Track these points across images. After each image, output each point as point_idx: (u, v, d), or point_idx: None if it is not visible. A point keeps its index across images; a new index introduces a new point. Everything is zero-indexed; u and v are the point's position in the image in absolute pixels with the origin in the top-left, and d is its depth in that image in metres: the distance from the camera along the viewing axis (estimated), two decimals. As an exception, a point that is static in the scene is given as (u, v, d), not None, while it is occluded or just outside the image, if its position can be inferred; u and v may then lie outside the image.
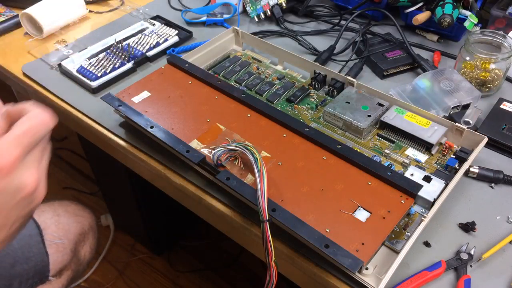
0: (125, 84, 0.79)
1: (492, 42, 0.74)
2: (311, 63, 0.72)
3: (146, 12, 0.96)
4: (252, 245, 0.61)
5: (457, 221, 0.56)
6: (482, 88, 0.73)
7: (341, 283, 0.49)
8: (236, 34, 0.82)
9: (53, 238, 0.75)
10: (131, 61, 0.81)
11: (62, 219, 0.80)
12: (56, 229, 0.77)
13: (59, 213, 0.81)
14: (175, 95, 0.67)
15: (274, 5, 0.91)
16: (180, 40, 0.88)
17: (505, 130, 0.65)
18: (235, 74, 0.75)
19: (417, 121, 0.63)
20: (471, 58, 0.72)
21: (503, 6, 0.84)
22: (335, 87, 0.70)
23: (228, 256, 1.35)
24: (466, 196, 0.59)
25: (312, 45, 0.86)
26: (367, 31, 0.88)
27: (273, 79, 0.74)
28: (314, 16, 0.96)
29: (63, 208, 0.82)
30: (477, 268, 0.51)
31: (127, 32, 0.89)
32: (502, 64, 0.71)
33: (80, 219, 0.83)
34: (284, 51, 0.75)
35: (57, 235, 0.76)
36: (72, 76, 0.79)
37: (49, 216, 0.79)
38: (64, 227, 0.79)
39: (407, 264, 0.51)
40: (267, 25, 0.94)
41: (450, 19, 0.78)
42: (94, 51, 0.84)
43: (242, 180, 0.54)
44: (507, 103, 0.69)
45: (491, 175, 0.59)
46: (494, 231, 0.54)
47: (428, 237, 0.54)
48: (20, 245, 0.71)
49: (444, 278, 0.50)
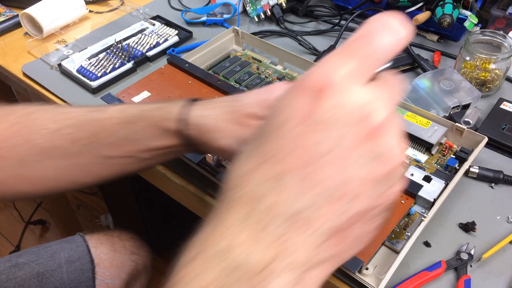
0: (125, 84, 0.78)
1: (492, 42, 0.74)
2: (311, 63, 0.72)
3: (146, 12, 0.96)
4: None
5: (457, 221, 0.56)
6: (482, 88, 0.73)
7: (341, 283, 0.49)
8: (236, 34, 0.82)
9: (105, 277, 0.73)
10: (131, 61, 0.81)
11: (118, 256, 0.76)
12: (109, 267, 0.74)
13: (116, 248, 0.77)
14: (175, 95, 0.67)
15: (274, 5, 0.91)
16: (180, 40, 0.88)
17: (505, 130, 0.65)
18: (235, 74, 0.75)
19: (417, 121, 0.63)
20: (471, 58, 0.72)
21: (503, 6, 0.84)
22: (335, 87, 0.70)
23: (228, 256, 1.35)
24: (466, 196, 0.59)
25: (312, 45, 0.86)
26: (367, 31, 0.88)
27: (273, 79, 0.74)
28: (314, 16, 0.96)
29: (121, 244, 0.79)
30: (477, 268, 0.51)
31: (127, 32, 0.89)
32: (502, 64, 0.71)
33: (136, 258, 0.79)
34: (284, 51, 0.75)
35: (109, 273, 0.73)
36: (72, 76, 0.79)
37: (105, 251, 0.75)
38: (118, 265, 0.75)
39: (407, 264, 0.51)
40: (267, 25, 0.94)
41: (450, 19, 0.78)
42: (94, 51, 0.84)
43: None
44: (507, 103, 0.69)
45: (491, 175, 0.59)
46: (494, 231, 0.54)
47: (428, 237, 0.54)
48: (70, 280, 0.69)
49: (444, 278, 0.50)
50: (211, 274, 0.23)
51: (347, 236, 0.25)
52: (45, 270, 0.69)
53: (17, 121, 0.47)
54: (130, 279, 0.78)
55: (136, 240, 0.83)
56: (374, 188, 0.25)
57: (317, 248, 0.24)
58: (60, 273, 0.69)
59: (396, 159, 0.25)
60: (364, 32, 0.25)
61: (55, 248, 0.72)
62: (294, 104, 0.25)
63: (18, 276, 0.67)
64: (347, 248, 0.26)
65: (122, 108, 0.47)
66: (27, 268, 0.68)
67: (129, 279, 0.77)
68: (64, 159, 0.46)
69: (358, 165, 0.24)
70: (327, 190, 0.24)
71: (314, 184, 0.24)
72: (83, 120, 0.46)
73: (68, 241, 0.74)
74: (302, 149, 0.24)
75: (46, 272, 0.68)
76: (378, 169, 0.25)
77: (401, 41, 0.25)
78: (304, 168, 0.24)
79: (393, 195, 0.27)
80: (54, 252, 0.71)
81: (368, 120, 0.24)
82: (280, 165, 0.25)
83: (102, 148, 0.46)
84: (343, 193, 0.24)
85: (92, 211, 1.54)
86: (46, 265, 0.69)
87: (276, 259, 0.23)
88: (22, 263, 0.69)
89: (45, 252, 0.71)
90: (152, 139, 0.45)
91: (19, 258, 0.70)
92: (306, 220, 0.24)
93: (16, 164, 0.46)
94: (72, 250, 0.72)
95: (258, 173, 0.25)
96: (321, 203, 0.24)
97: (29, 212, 1.52)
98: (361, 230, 0.26)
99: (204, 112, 0.44)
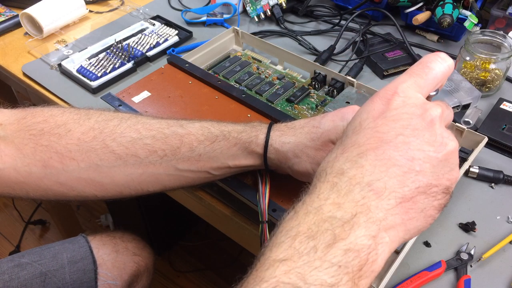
0: (125, 84, 0.79)
1: (492, 42, 0.74)
2: (311, 63, 0.72)
3: (146, 12, 0.96)
4: (252, 245, 0.61)
5: (457, 221, 0.56)
6: (482, 88, 0.73)
7: (341, 283, 0.49)
8: (236, 34, 0.82)
9: (107, 278, 0.73)
10: (131, 61, 0.81)
11: (120, 257, 0.77)
12: (111, 268, 0.74)
13: (118, 249, 0.77)
14: (175, 95, 0.67)
15: (274, 5, 0.91)
16: (180, 40, 0.88)
17: (505, 130, 0.65)
18: (235, 74, 0.75)
19: (417, 121, 0.63)
20: (471, 58, 0.72)
21: (503, 6, 0.84)
22: (335, 87, 0.70)
23: (228, 256, 1.35)
24: (466, 196, 0.59)
25: (312, 45, 0.86)
26: (367, 31, 0.88)
27: (273, 79, 0.74)
28: (314, 16, 0.96)
29: (124, 245, 0.79)
30: (477, 268, 0.51)
31: (127, 32, 0.89)
32: (502, 64, 0.71)
33: (138, 259, 0.80)
34: (284, 51, 0.75)
35: (111, 274, 0.74)
36: (72, 76, 0.79)
37: (108, 252, 0.76)
38: (120, 266, 0.76)
39: (407, 264, 0.51)
40: (267, 25, 0.94)
41: (450, 19, 0.78)
42: (94, 51, 0.84)
43: (242, 180, 0.54)
44: (507, 103, 0.69)
45: (491, 175, 0.59)
46: (494, 231, 0.54)
47: (428, 237, 0.54)
48: (73, 280, 0.70)
49: (444, 278, 0.50)
50: (307, 224, 0.30)
51: (412, 206, 0.31)
52: (48, 270, 0.69)
53: (95, 125, 0.48)
54: (132, 280, 0.78)
55: (139, 242, 0.83)
56: (434, 169, 0.32)
57: (389, 211, 0.31)
58: (62, 274, 0.69)
59: (450, 146, 0.32)
60: (421, 60, 0.35)
61: (57, 248, 0.73)
62: (371, 107, 0.34)
63: (21, 276, 0.68)
64: (414, 217, 0.32)
65: (204, 125, 0.50)
66: (29, 268, 0.68)
67: (131, 280, 0.77)
68: (138, 168, 0.48)
69: (419, 147, 0.31)
70: (395, 166, 0.31)
71: (385, 162, 0.31)
72: (164, 133, 0.48)
73: (70, 242, 0.75)
74: (376, 137, 0.32)
75: (49, 272, 0.68)
76: (436, 152, 0.32)
77: (449, 67, 0.35)
78: (377, 150, 0.32)
79: (450, 179, 0.33)
80: (56, 253, 0.71)
81: (427, 113, 0.32)
82: (360, 149, 0.32)
83: (179, 161, 0.48)
84: (407, 169, 0.31)
85: (92, 211, 1.54)
86: (48, 265, 0.69)
87: (358, 215, 0.30)
88: (25, 263, 0.69)
89: (48, 253, 0.71)
90: (232, 158, 0.49)
91: (22, 258, 0.70)
92: (378, 189, 0.31)
93: (88, 168, 0.47)
94: (75, 250, 0.73)
95: (343, 156, 0.33)
96: (390, 176, 0.31)
97: (29, 212, 1.52)
98: (425, 204, 0.32)
99: (284, 139, 0.48)
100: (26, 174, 0.47)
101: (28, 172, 0.47)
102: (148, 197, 1.10)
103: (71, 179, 0.48)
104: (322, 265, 0.28)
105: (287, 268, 0.28)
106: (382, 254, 0.30)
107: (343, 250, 0.29)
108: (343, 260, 0.28)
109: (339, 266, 0.28)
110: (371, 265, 0.29)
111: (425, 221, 0.33)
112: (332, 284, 0.28)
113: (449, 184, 0.33)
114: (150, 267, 0.84)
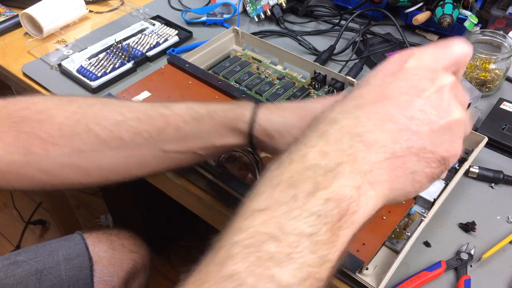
0: (125, 84, 0.78)
1: (492, 42, 0.74)
2: (311, 63, 0.72)
3: (146, 12, 0.96)
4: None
5: (457, 221, 0.56)
6: (482, 88, 0.73)
7: (341, 283, 0.49)
8: (236, 34, 0.82)
9: (103, 274, 0.73)
10: (131, 61, 0.81)
11: (117, 254, 0.76)
12: (107, 264, 0.74)
13: (114, 246, 0.77)
14: (175, 95, 0.67)
15: (274, 5, 0.91)
16: (180, 40, 0.88)
17: (505, 130, 0.65)
18: (235, 74, 0.75)
19: (417, 121, 0.63)
20: (471, 58, 0.72)
21: (503, 6, 0.84)
22: (335, 87, 0.70)
23: (228, 256, 1.35)
24: (466, 196, 0.59)
25: (312, 45, 0.86)
26: (367, 31, 0.88)
27: (273, 79, 0.74)
28: (314, 16, 0.96)
29: (120, 242, 0.79)
30: (477, 268, 0.51)
31: (127, 32, 0.89)
32: (502, 64, 0.71)
33: (134, 256, 0.79)
34: (284, 51, 0.75)
35: (108, 271, 0.73)
36: (72, 76, 0.79)
37: (104, 249, 0.75)
38: (116, 263, 0.75)
39: (407, 264, 0.51)
40: (267, 25, 0.94)
41: (450, 19, 0.78)
42: (94, 51, 0.84)
43: (242, 180, 0.54)
44: (507, 103, 0.69)
45: (491, 175, 0.59)
46: (494, 231, 0.54)
47: (428, 237, 0.54)
48: (68, 277, 0.69)
49: (444, 278, 0.50)
50: (290, 172, 0.29)
51: (401, 165, 0.30)
52: (44, 267, 0.69)
53: (77, 110, 0.47)
54: (129, 277, 0.78)
55: (135, 239, 0.83)
56: (433, 134, 0.30)
57: (375, 164, 0.29)
58: (58, 271, 0.69)
59: (455, 115, 0.31)
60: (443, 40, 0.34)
61: (53, 246, 0.73)
62: (384, 66, 0.33)
63: (17, 273, 0.68)
64: (401, 177, 0.30)
65: (190, 105, 0.48)
66: (25, 266, 0.69)
67: (128, 277, 0.77)
68: (123, 151, 0.47)
69: (422, 108, 0.30)
70: (391, 122, 0.30)
71: (381, 116, 0.30)
72: (149, 114, 0.47)
73: (66, 239, 0.75)
74: (379, 91, 0.31)
75: (45, 270, 0.68)
76: (438, 117, 0.30)
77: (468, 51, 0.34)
78: (377, 104, 0.30)
79: (449, 151, 0.31)
80: (52, 250, 0.71)
81: (438, 79, 0.31)
82: (359, 101, 0.31)
83: (164, 142, 0.47)
84: (403, 127, 0.30)
85: (92, 211, 1.54)
86: (44, 262, 0.69)
87: (343, 164, 0.29)
88: (20, 260, 0.69)
89: (44, 250, 0.71)
90: (218, 137, 0.47)
91: (18, 256, 0.70)
92: (368, 141, 0.29)
93: (71, 153, 0.46)
94: (71, 248, 0.72)
95: (338, 106, 0.32)
96: (383, 130, 0.30)
97: (29, 212, 1.52)
98: (416, 167, 0.31)
99: (271, 117, 0.47)
100: (8, 162, 0.45)
101: (10, 160, 0.45)
102: (148, 196, 1.10)
103: (55, 165, 0.46)
104: (301, 214, 0.27)
105: (266, 217, 0.28)
106: (364, 207, 0.29)
107: (323, 199, 0.28)
108: (322, 210, 0.28)
109: (318, 215, 0.27)
110: (351, 216, 0.28)
111: (413, 186, 0.31)
112: (311, 234, 0.27)
113: (446, 155, 0.31)
114: (147, 265, 0.84)
